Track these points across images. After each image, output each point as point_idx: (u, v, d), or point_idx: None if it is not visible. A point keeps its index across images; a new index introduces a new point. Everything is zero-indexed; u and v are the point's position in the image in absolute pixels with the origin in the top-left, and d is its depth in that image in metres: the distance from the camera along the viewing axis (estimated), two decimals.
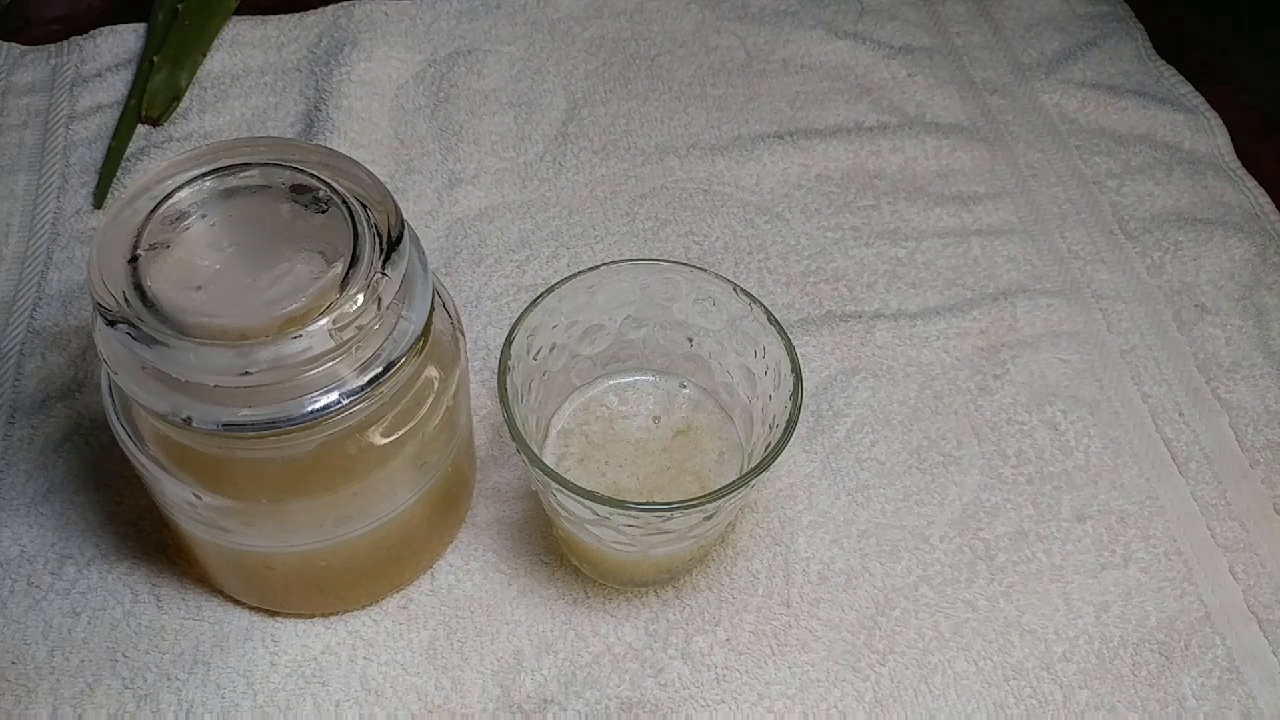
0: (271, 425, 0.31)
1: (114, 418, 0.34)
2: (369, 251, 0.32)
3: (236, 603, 0.40)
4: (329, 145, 0.52)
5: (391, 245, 0.32)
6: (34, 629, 0.40)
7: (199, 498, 0.34)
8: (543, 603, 0.41)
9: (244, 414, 0.30)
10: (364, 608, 0.40)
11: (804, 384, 0.37)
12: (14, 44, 0.60)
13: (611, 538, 0.36)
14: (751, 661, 0.40)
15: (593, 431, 0.41)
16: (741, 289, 0.38)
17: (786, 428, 0.35)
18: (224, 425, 0.30)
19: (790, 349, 0.37)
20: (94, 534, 0.42)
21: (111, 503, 0.43)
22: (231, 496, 0.33)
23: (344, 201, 0.33)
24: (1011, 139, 0.58)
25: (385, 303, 0.31)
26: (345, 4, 0.62)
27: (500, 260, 0.51)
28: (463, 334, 0.38)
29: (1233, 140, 0.58)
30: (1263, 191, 0.56)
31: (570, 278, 0.38)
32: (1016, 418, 0.47)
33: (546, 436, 0.41)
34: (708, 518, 0.35)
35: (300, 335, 0.30)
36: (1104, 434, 0.46)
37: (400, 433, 0.34)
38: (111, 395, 0.35)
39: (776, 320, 0.38)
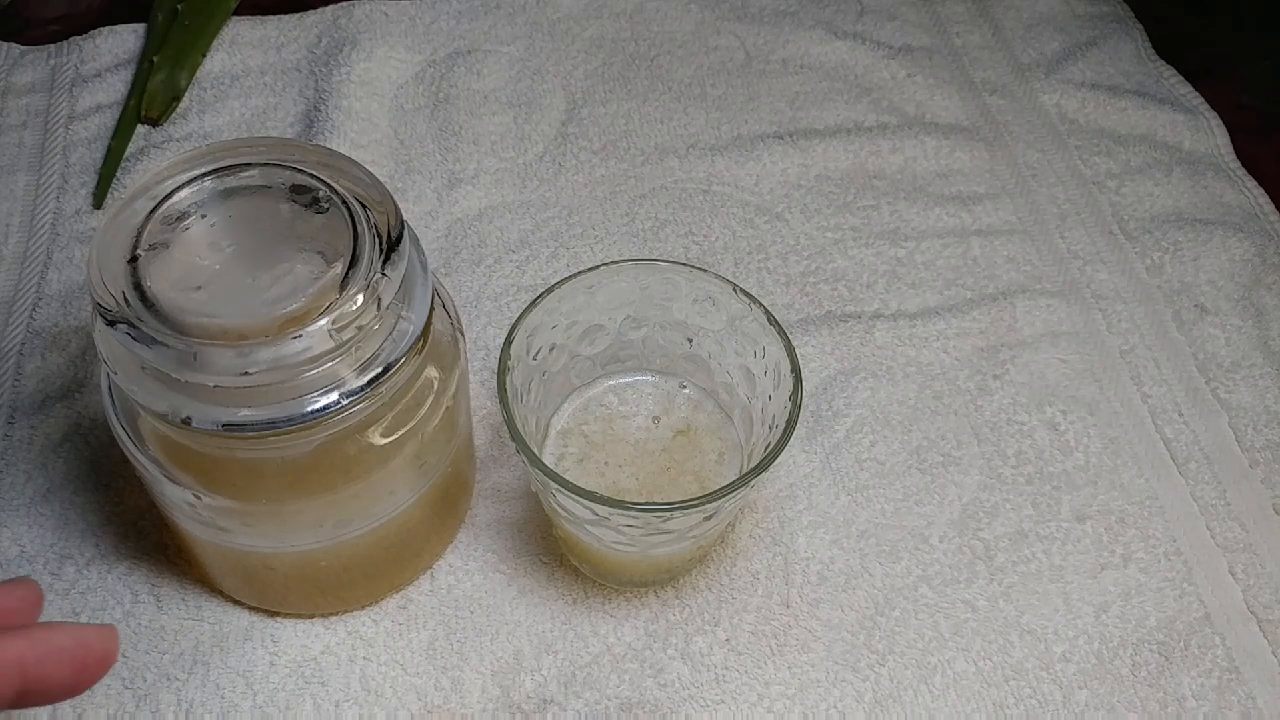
0: (271, 425, 0.31)
1: (114, 418, 0.34)
2: (369, 252, 0.32)
3: (236, 603, 0.40)
4: (329, 145, 0.52)
5: (391, 245, 0.32)
6: None
7: (199, 498, 0.34)
8: (543, 603, 0.41)
9: (244, 414, 0.30)
10: (364, 608, 0.40)
11: (804, 384, 0.37)
12: (14, 44, 0.60)
13: (611, 538, 0.36)
14: (751, 662, 0.40)
15: (592, 432, 0.41)
16: (741, 289, 0.38)
17: (786, 428, 0.35)
18: (224, 425, 0.30)
19: (790, 349, 0.37)
20: (94, 534, 0.42)
21: (111, 503, 0.43)
22: (231, 497, 0.33)
23: (344, 202, 0.33)
24: (1011, 139, 0.58)
25: (385, 303, 0.31)
26: (345, 4, 0.62)
27: (500, 260, 0.51)
28: (462, 334, 0.38)
29: (1233, 140, 0.58)
30: (1262, 191, 0.56)
31: (570, 278, 0.38)
32: (1016, 418, 0.47)
33: (546, 437, 0.41)
34: (707, 518, 0.35)
35: (300, 335, 0.30)
36: (1104, 434, 0.46)
37: (400, 433, 0.34)
38: (111, 395, 0.35)
39: (776, 320, 0.38)
